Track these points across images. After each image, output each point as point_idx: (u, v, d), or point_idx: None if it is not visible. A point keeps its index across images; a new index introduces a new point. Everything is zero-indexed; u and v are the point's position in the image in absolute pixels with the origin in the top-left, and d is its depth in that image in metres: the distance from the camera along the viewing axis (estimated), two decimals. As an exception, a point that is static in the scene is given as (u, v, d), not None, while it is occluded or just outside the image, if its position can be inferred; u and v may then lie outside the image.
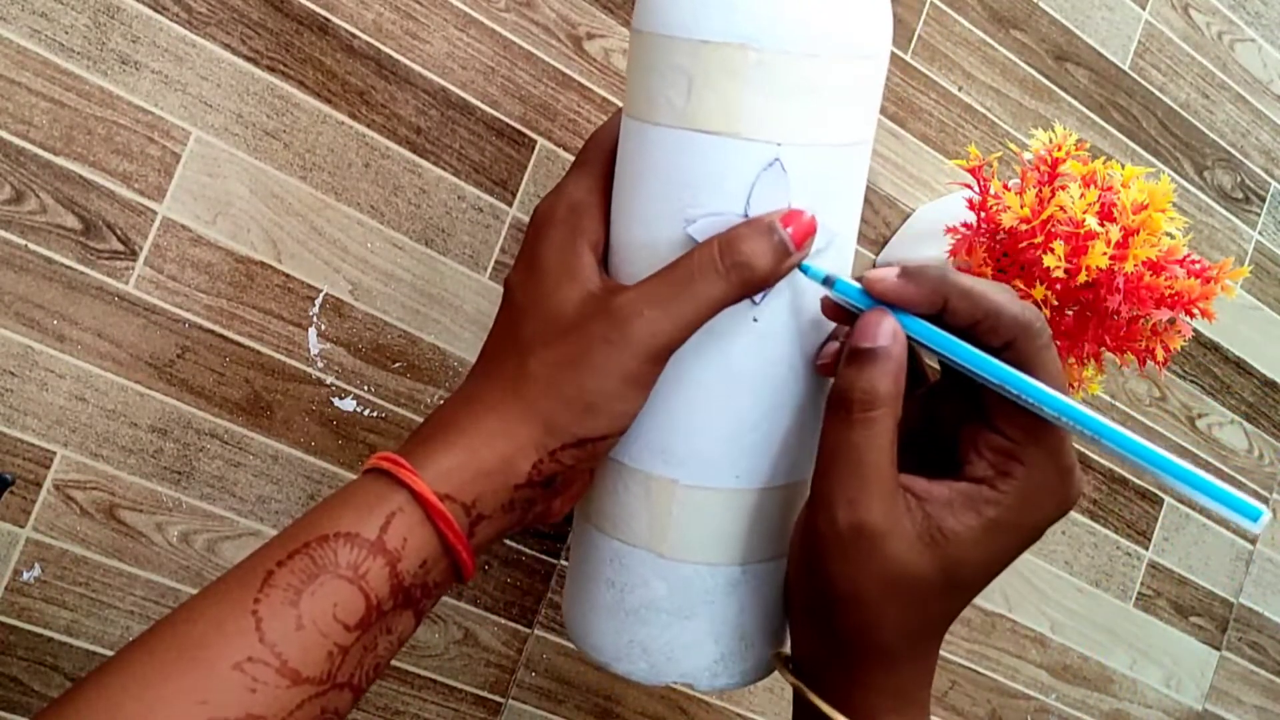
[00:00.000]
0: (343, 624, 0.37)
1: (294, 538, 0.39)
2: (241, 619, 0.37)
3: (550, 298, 0.42)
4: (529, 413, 0.41)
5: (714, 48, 0.39)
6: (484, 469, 0.40)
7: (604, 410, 0.40)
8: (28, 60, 0.52)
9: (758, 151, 0.40)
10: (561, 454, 0.41)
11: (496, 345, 0.43)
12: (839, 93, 0.40)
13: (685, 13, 0.39)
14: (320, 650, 0.37)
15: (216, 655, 0.36)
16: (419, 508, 0.39)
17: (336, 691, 0.38)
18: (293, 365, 0.56)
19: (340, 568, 0.38)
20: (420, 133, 0.58)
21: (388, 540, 0.39)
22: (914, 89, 0.68)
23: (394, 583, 0.39)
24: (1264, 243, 0.79)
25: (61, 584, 0.53)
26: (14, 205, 0.52)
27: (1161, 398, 0.76)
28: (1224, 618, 0.79)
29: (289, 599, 0.37)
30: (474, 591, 0.60)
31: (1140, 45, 0.74)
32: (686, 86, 0.39)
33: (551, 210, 0.44)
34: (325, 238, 0.56)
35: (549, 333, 0.41)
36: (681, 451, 0.43)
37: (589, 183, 0.44)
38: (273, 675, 0.36)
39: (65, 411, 0.53)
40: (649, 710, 0.64)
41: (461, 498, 0.40)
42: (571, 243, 0.43)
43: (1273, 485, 0.81)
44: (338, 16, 0.56)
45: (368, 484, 0.40)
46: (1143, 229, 0.52)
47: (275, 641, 0.36)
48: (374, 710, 0.58)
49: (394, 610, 0.39)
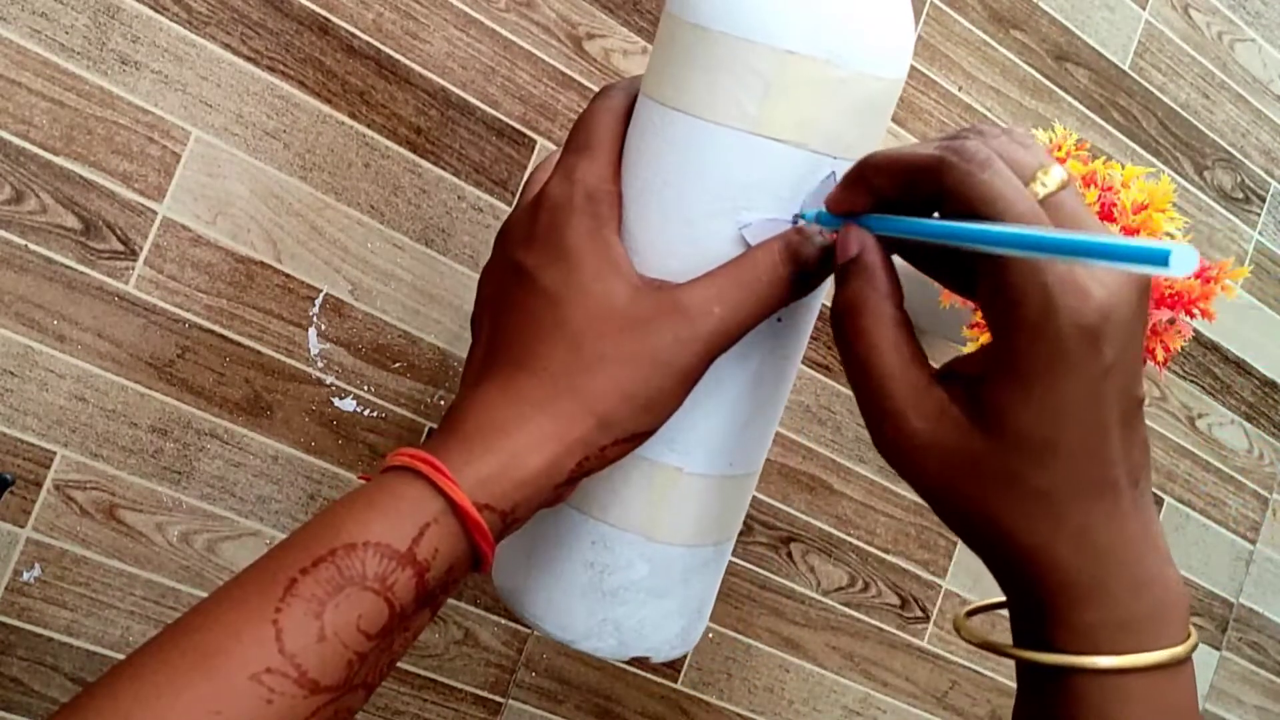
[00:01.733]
0: (365, 634, 0.37)
1: (319, 541, 0.37)
2: (261, 628, 0.36)
3: (592, 287, 0.40)
4: (584, 410, 0.39)
5: (799, 59, 0.39)
6: (528, 472, 0.39)
7: (661, 407, 0.40)
8: (28, 60, 0.52)
9: (821, 164, 0.40)
10: (611, 449, 0.40)
11: (532, 333, 0.41)
12: (886, 110, 0.42)
13: (769, 19, 0.39)
14: (341, 660, 0.36)
15: (234, 665, 0.35)
16: (455, 520, 0.38)
17: (351, 694, 0.37)
18: (293, 365, 0.56)
19: (368, 580, 0.37)
20: (420, 133, 0.58)
21: (419, 552, 0.37)
22: (914, 89, 0.68)
23: (420, 591, 0.38)
24: (1264, 243, 0.79)
25: (61, 584, 0.53)
26: (14, 205, 0.52)
27: (1161, 398, 0.76)
28: (1224, 618, 0.79)
29: (312, 610, 0.36)
30: (474, 591, 0.60)
31: (1140, 45, 0.74)
32: (762, 92, 0.39)
33: (569, 196, 0.42)
34: (325, 238, 0.56)
35: (605, 326, 0.40)
36: (690, 441, 0.43)
37: (600, 170, 0.43)
38: (291, 686, 0.35)
39: (65, 411, 0.53)
40: (649, 710, 0.64)
41: (501, 506, 0.38)
42: (599, 232, 0.41)
43: (1273, 485, 0.81)
44: (338, 16, 0.56)
45: (400, 487, 0.39)
46: (1143, 229, 0.52)
47: (295, 653, 0.36)
48: (374, 710, 0.58)
49: (415, 612, 0.38)
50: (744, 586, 0.66)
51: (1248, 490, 0.80)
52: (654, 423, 0.40)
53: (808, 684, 0.68)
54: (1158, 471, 0.76)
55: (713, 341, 0.40)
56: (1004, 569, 0.38)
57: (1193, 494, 0.78)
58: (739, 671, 0.66)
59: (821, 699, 0.68)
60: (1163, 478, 0.77)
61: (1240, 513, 0.80)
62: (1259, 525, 0.80)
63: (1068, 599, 0.37)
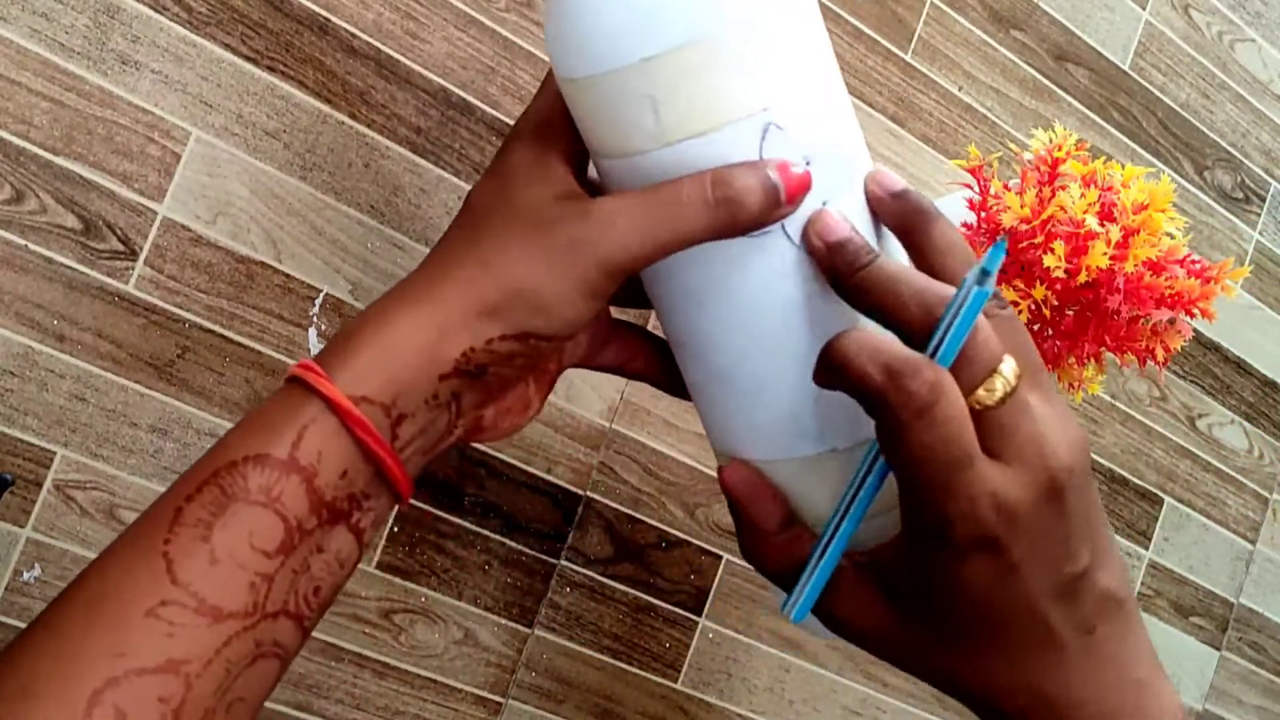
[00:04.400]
0: (261, 552, 0.35)
1: (203, 468, 0.37)
2: (152, 562, 0.35)
3: (518, 197, 0.40)
4: (470, 298, 0.39)
5: (661, 60, 0.38)
6: (406, 360, 0.38)
7: (554, 312, 0.39)
8: (28, 60, 0.52)
9: (749, 126, 0.40)
10: (499, 343, 0.39)
11: (444, 244, 0.41)
12: (785, 32, 0.40)
13: (614, 41, 0.39)
14: (240, 583, 0.35)
15: (128, 603, 0.34)
16: (333, 416, 0.37)
17: (269, 621, 0.36)
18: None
19: (251, 494, 0.36)
20: (420, 133, 0.58)
21: (300, 456, 0.36)
22: (914, 89, 0.68)
23: (313, 499, 0.36)
24: (1264, 243, 0.79)
25: (61, 584, 0.53)
26: (14, 205, 0.52)
27: (1161, 398, 0.76)
28: (1224, 618, 0.79)
29: (199, 535, 0.35)
30: (474, 591, 0.60)
31: (1140, 45, 0.74)
32: (652, 108, 0.39)
33: (520, 128, 0.43)
34: (325, 238, 0.56)
35: (513, 228, 0.40)
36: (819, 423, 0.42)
37: (550, 100, 0.42)
38: (190, 616, 0.34)
39: (65, 411, 0.53)
40: (649, 710, 0.64)
41: (380, 398, 0.37)
42: (542, 154, 0.41)
43: (1273, 485, 0.81)
44: (338, 16, 0.56)
45: (281, 398, 0.38)
46: (1143, 229, 0.52)
47: (189, 581, 0.35)
48: (374, 710, 0.58)
49: (320, 527, 0.37)
50: (745, 587, 0.66)
51: (1248, 490, 0.80)
52: (548, 326, 0.39)
53: (808, 684, 0.68)
54: (1158, 472, 0.76)
55: (612, 255, 0.39)
56: (969, 703, 0.41)
57: (1193, 494, 0.78)
58: (739, 671, 0.66)
59: (821, 699, 0.68)
60: (1163, 478, 0.77)
61: (1240, 513, 0.80)
62: (1259, 525, 0.80)
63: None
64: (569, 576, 0.62)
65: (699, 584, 0.65)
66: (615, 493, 0.63)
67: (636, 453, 0.63)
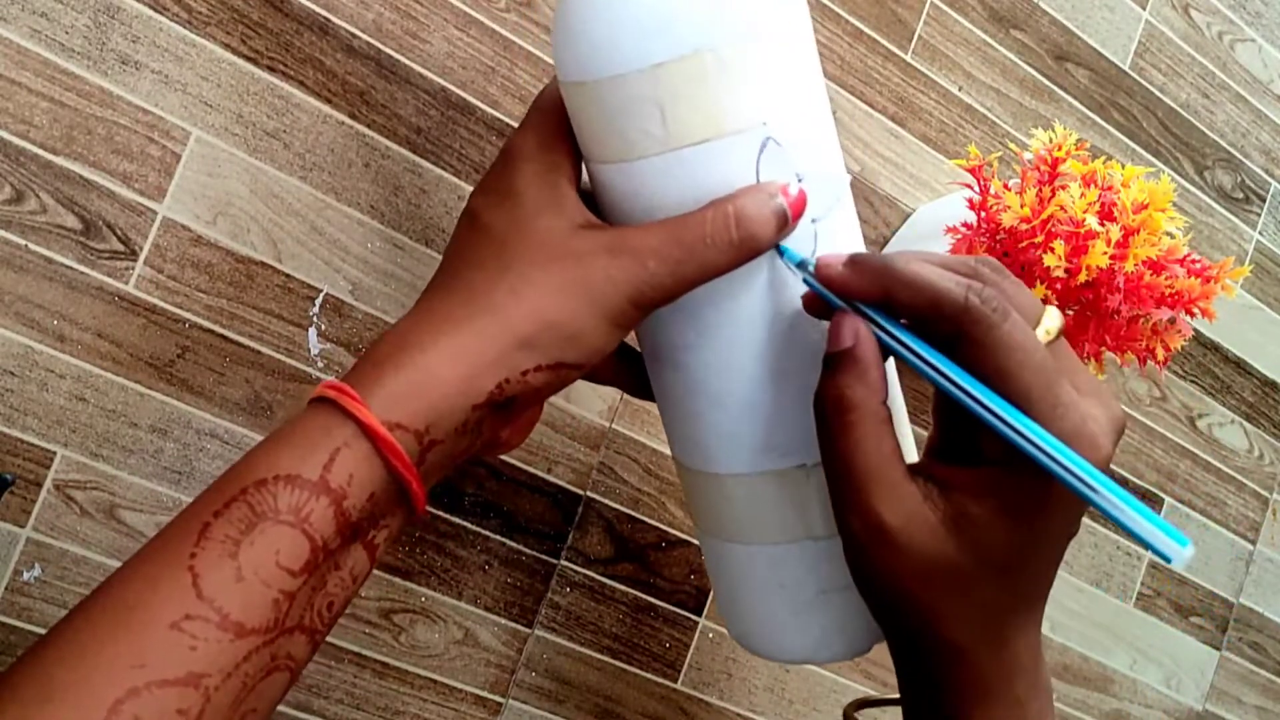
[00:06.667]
0: (287, 570, 0.36)
1: (231, 483, 0.37)
2: (177, 575, 0.35)
3: (532, 223, 0.41)
4: (504, 329, 0.39)
5: (672, 66, 0.39)
6: (442, 391, 0.38)
7: (584, 342, 0.39)
8: (28, 60, 0.52)
9: (749, 139, 0.40)
10: (533, 375, 0.39)
11: (463, 263, 0.41)
12: (787, 50, 0.41)
13: (624, 46, 0.39)
14: (264, 599, 0.35)
15: (152, 615, 0.34)
16: (366, 441, 0.37)
17: (286, 636, 0.36)
18: (293, 365, 0.56)
19: (281, 513, 0.36)
20: (420, 133, 0.58)
21: (331, 479, 0.37)
22: (914, 89, 0.68)
23: (340, 521, 0.37)
24: (1264, 243, 0.79)
25: (61, 584, 0.53)
26: (14, 205, 0.52)
27: (1161, 398, 0.76)
28: (1224, 618, 0.79)
29: (227, 551, 0.35)
30: (474, 591, 0.60)
31: (1140, 45, 0.74)
32: (659, 113, 0.39)
33: (523, 145, 0.43)
34: (325, 238, 0.56)
35: (539, 255, 0.40)
36: (790, 440, 0.43)
37: (555, 120, 0.43)
38: (213, 631, 0.35)
39: (65, 411, 0.53)
40: (649, 710, 0.64)
41: (414, 425, 0.38)
42: (548, 175, 0.42)
43: (1273, 485, 0.81)
44: (338, 16, 0.56)
45: (311, 417, 0.38)
46: (1143, 229, 0.52)
47: (214, 596, 0.35)
48: (374, 710, 0.58)
49: (341, 547, 0.37)
50: (744, 586, 0.66)
51: (1248, 490, 0.80)
52: (579, 357, 0.40)
53: (808, 684, 0.68)
54: (1158, 471, 0.76)
55: (646, 292, 0.39)
56: (918, 663, 0.41)
57: (1193, 494, 0.78)
58: (739, 671, 0.66)
59: (821, 699, 0.68)
60: (1163, 478, 0.77)
61: (1240, 513, 0.80)
62: (1259, 525, 0.80)
63: (976, 696, 0.40)
64: (569, 576, 0.62)
65: (699, 584, 0.65)
66: (615, 493, 0.63)
67: (636, 453, 0.63)
